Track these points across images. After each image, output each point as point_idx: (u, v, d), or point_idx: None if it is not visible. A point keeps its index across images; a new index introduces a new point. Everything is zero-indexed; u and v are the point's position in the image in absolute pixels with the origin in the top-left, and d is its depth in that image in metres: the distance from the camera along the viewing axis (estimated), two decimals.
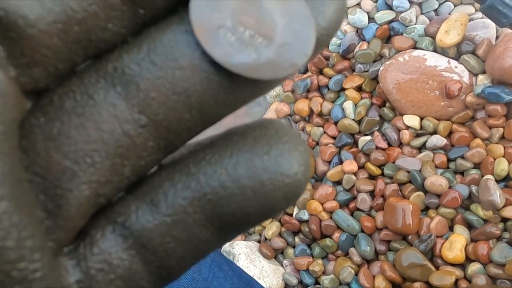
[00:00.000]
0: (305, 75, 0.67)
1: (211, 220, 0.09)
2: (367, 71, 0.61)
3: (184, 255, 0.09)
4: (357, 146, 0.61)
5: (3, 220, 0.07)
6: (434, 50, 0.57)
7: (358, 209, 0.59)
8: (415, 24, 0.60)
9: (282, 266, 0.62)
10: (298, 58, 0.09)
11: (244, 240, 0.64)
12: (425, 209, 0.56)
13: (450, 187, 0.53)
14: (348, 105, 0.61)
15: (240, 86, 0.09)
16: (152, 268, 0.09)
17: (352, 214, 0.59)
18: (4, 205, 0.07)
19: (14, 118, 0.08)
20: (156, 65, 0.09)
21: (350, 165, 0.59)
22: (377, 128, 0.61)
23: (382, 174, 0.58)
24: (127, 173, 0.09)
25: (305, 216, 0.60)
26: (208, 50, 0.09)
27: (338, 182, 0.61)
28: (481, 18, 0.56)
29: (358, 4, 0.62)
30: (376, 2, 0.62)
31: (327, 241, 0.59)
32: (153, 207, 0.09)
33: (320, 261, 0.60)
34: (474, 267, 0.51)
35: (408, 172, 0.56)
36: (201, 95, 0.09)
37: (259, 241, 0.64)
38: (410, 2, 0.59)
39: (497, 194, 0.50)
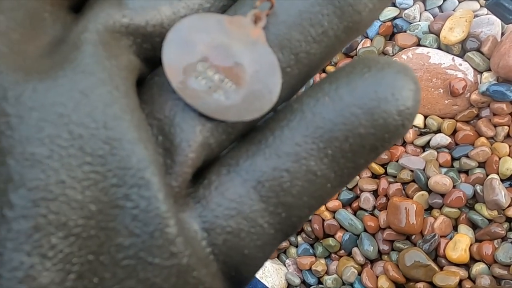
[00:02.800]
0: None
1: (324, 150, 0.09)
2: None
3: (301, 191, 0.09)
4: None
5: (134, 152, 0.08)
6: (438, 48, 0.56)
7: (361, 209, 0.58)
8: (419, 21, 0.59)
9: (285, 265, 0.62)
10: (264, 104, 0.09)
11: None
12: (429, 208, 0.55)
13: (454, 187, 0.53)
14: None
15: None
16: (270, 206, 0.09)
17: (355, 214, 0.59)
18: (134, 135, 0.08)
19: (127, 77, 0.09)
20: None
21: None
22: None
23: (386, 173, 0.58)
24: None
25: None
26: (179, 92, 0.09)
27: None
28: (486, 14, 0.55)
29: None
30: None
31: (330, 241, 0.58)
32: (261, 146, 0.09)
33: (323, 261, 0.60)
34: (478, 268, 0.51)
35: (412, 171, 0.55)
36: None
37: None
38: None
39: (502, 194, 0.49)
